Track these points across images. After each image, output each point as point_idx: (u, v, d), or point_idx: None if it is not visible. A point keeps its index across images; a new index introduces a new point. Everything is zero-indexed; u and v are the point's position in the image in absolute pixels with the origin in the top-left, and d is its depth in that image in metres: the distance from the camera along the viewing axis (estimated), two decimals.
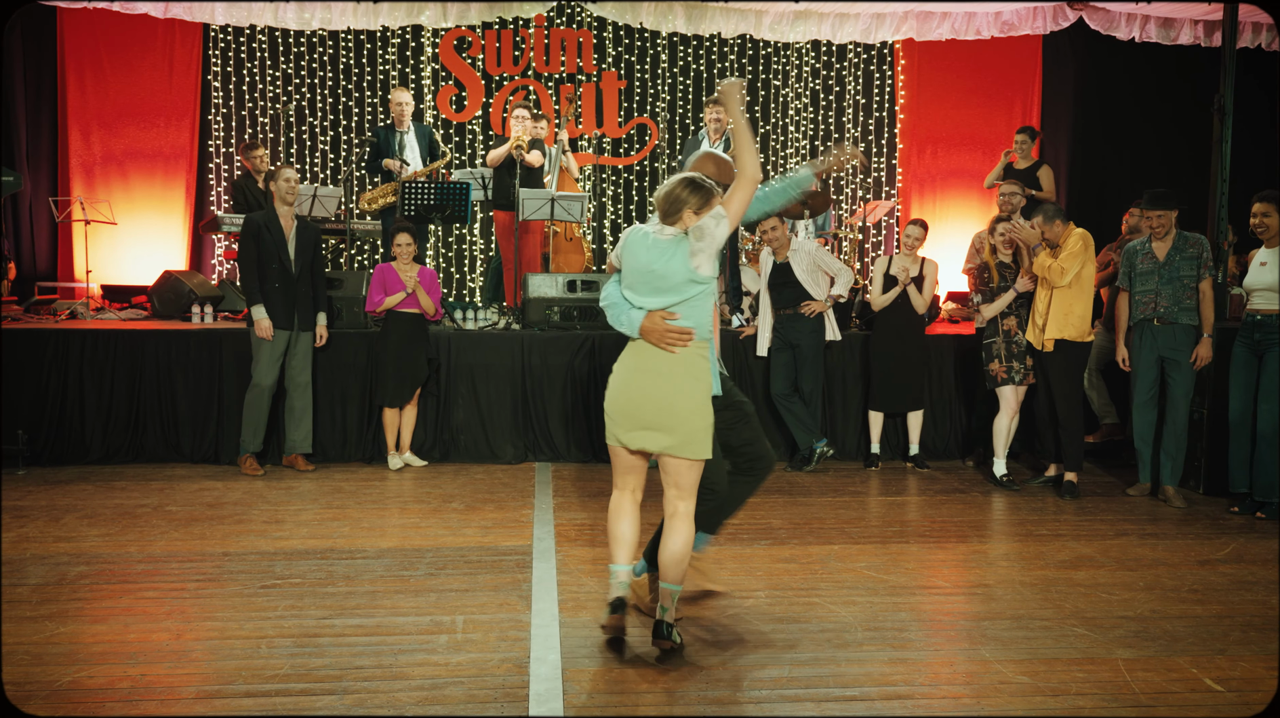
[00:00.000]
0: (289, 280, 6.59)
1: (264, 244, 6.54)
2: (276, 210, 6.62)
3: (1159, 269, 6.17)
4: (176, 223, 10.10)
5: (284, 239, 6.59)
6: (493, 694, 3.39)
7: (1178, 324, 6.13)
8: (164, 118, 10.06)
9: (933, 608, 4.32)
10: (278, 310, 6.56)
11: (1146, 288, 6.21)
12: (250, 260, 6.55)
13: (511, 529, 5.43)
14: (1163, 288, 6.14)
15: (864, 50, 10.90)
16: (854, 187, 10.97)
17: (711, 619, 4.13)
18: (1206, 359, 6.10)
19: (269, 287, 6.54)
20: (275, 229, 6.57)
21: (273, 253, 6.55)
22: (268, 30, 10.20)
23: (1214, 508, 6.13)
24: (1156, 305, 6.16)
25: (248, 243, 6.56)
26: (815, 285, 6.95)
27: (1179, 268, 6.12)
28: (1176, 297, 6.12)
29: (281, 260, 6.57)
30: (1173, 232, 6.18)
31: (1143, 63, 10.58)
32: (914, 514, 5.97)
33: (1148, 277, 6.21)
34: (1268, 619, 4.22)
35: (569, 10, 10.55)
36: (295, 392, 6.72)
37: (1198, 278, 6.11)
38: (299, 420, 6.75)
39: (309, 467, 6.80)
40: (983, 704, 3.39)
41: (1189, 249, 6.12)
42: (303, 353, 6.71)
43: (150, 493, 6.11)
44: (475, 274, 10.58)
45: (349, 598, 4.30)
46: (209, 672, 3.55)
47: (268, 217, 6.61)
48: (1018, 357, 6.52)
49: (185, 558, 4.84)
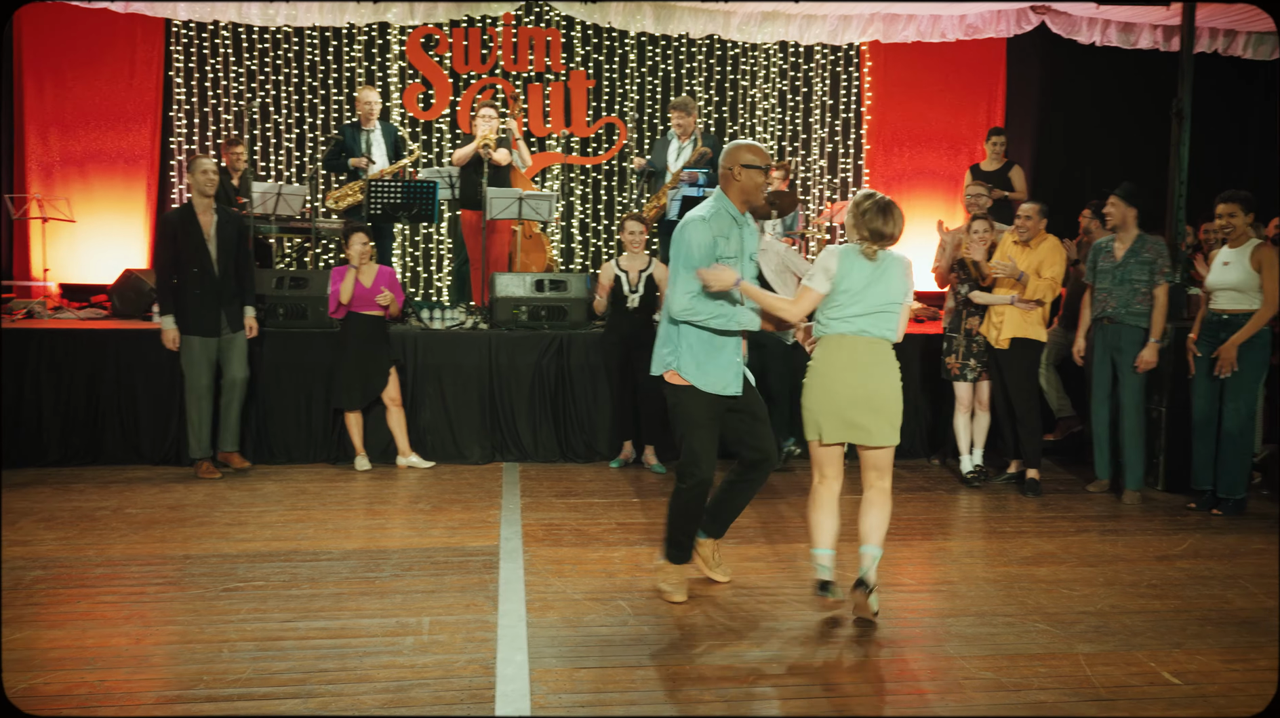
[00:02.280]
0: (212, 283, 6.35)
1: (182, 247, 6.28)
2: (194, 206, 6.34)
3: (1114, 269, 6.24)
4: (138, 222, 9.96)
5: (203, 240, 6.33)
6: (459, 696, 3.37)
7: (1124, 324, 6.21)
8: (125, 117, 9.89)
9: (898, 605, 4.35)
10: (203, 316, 6.34)
11: (1102, 286, 6.30)
12: (165, 265, 6.28)
13: (478, 530, 5.41)
14: (1114, 288, 6.22)
15: (831, 52, 10.96)
16: (821, 187, 11.03)
17: (680, 617, 4.13)
18: (1150, 364, 6.17)
19: (189, 293, 6.29)
20: (194, 229, 6.30)
21: (192, 256, 6.29)
22: (231, 27, 10.09)
23: (1173, 504, 6.22)
24: (1107, 305, 6.25)
25: (161, 244, 6.28)
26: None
27: (1131, 271, 6.19)
28: (1126, 299, 6.19)
29: (202, 264, 6.32)
30: (1134, 232, 6.25)
31: (1104, 66, 10.72)
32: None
33: (1105, 275, 6.29)
34: (1223, 613, 4.29)
35: (537, 9, 10.52)
36: (228, 389, 6.54)
37: (1150, 283, 6.18)
38: (229, 420, 6.59)
39: (244, 463, 6.70)
40: (947, 701, 3.42)
41: (1145, 253, 6.19)
42: (239, 351, 6.54)
43: (110, 495, 6.02)
44: (442, 274, 10.52)
45: (313, 600, 4.26)
46: (169, 676, 3.50)
47: (185, 216, 6.32)
48: (976, 355, 6.62)
49: (145, 561, 4.78)
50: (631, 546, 5.12)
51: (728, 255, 4.09)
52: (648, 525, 5.52)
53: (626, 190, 10.65)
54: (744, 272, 4.16)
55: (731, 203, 4.16)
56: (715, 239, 4.06)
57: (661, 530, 4.56)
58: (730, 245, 4.11)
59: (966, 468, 6.69)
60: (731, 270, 4.04)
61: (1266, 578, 4.79)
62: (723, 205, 4.15)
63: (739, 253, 4.15)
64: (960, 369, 6.66)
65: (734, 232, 4.14)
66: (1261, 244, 5.88)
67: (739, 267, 4.12)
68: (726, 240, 4.10)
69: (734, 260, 4.11)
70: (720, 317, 4.09)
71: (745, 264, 4.20)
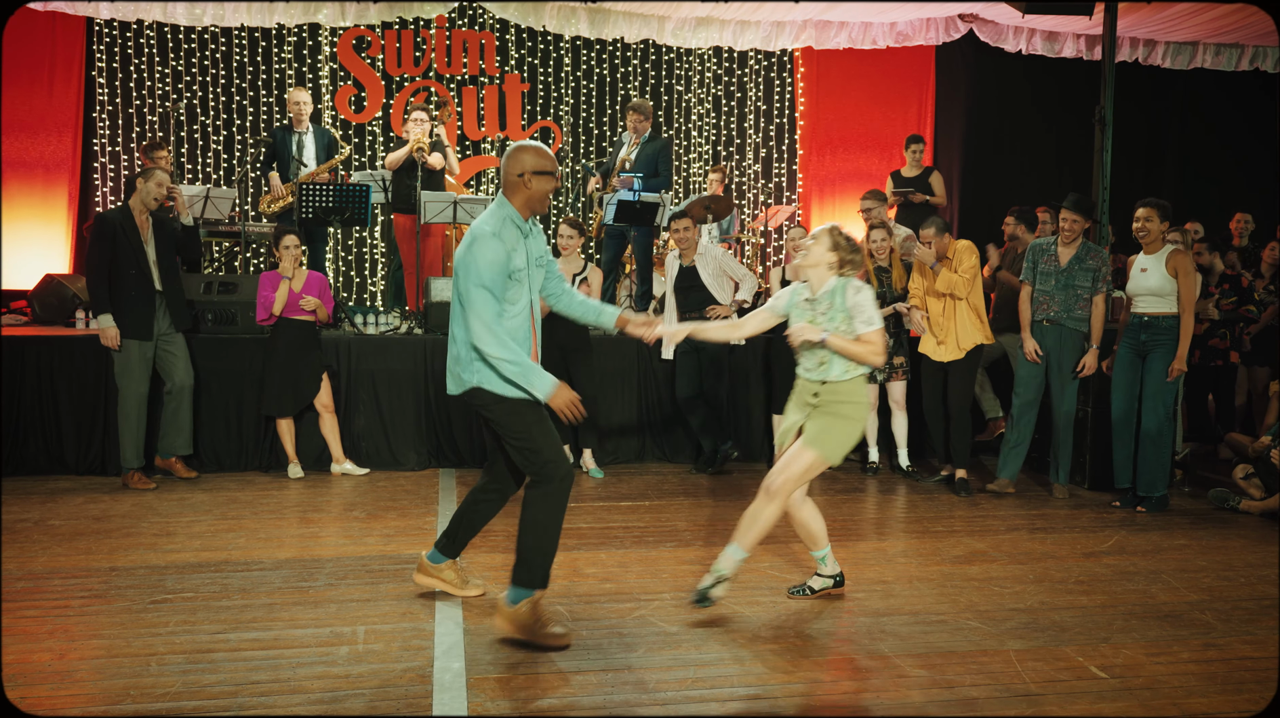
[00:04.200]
0: (149, 286, 6.25)
1: (120, 248, 6.15)
2: (132, 209, 6.24)
3: (1057, 273, 6.35)
4: (59, 226, 9.68)
5: (141, 243, 6.23)
6: (395, 705, 3.33)
7: (1064, 327, 6.35)
8: (45, 121, 9.62)
9: (834, 606, 4.40)
10: (139, 319, 6.22)
11: (1044, 288, 6.39)
12: (100, 265, 6.12)
13: (415, 537, 5.35)
14: (1057, 293, 6.34)
15: (765, 57, 11.07)
16: (755, 191, 11.12)
17: (617, 622, 4.13)
18: (1092, 369, 6.34)
19: (125, 295, 6.17)
20: (131, 232, 6.19)
21: (130, 258, 6.17)
22: (156, 26, 9.86)
23: (1100, 502, 6.39)
24: (1049, 308, 6.37)
25: (100, 245, 6.12)
26: (720, 290, 7.02)
27: (1075, 277, 6.31)
28: (1068, 305, 6.33)
29: (140, 266, 6.21)
30: (1080, 240, 6.39)
31: (1030, 74, 11.00)
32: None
33: (1046, 278, 6.39)
34: (1147, 608, 4.41)
35: (470, 12, 10.46)
36: (178, 394, 6.43)
37: (1092, 290, 6.33)
38: (181, 424, 6.48)
39: (190, 473, 6.57)
40: (882, 699, 3.47)
41: (1089, 261, 6.32)
42: (183, 356, 6.44)
43: (31, 507, 5.84)
44: (376, 278, 10.40)
45: (245, 611, 4.18)
46: (94, 692, 3.40)
47: (122, 217, 6.21)
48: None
49: (69, 574, 4.64)
50: (569, 551, 5.10)
51: (518, 268, 3.80)
52: (585, 531, 5.51)
53: (561, 195, 10.62)
54: (532, 281, 3.91)
55: (517, 212, 3.85)
56: (508, 254, 3.75)
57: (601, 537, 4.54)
58: (519, 257, 3.81)
59: (871, 457, 7.12)
60: (813, 328, 4.13)
61: (1188, 573, 4.94)
62: (508, 215, 3.84)
63: (528, 263, 3.87)
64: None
65: (521, 243, 3.84)
66: (1176, 249, 6.07)
67: (528, 277, 3.87)
68: (515, 253, 3.80)
69: (523, 272, 3.84)
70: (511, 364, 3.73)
71: (534, 273, 3.92)
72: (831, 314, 4.16)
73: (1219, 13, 9.53)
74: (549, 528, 3.86)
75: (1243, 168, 11.41)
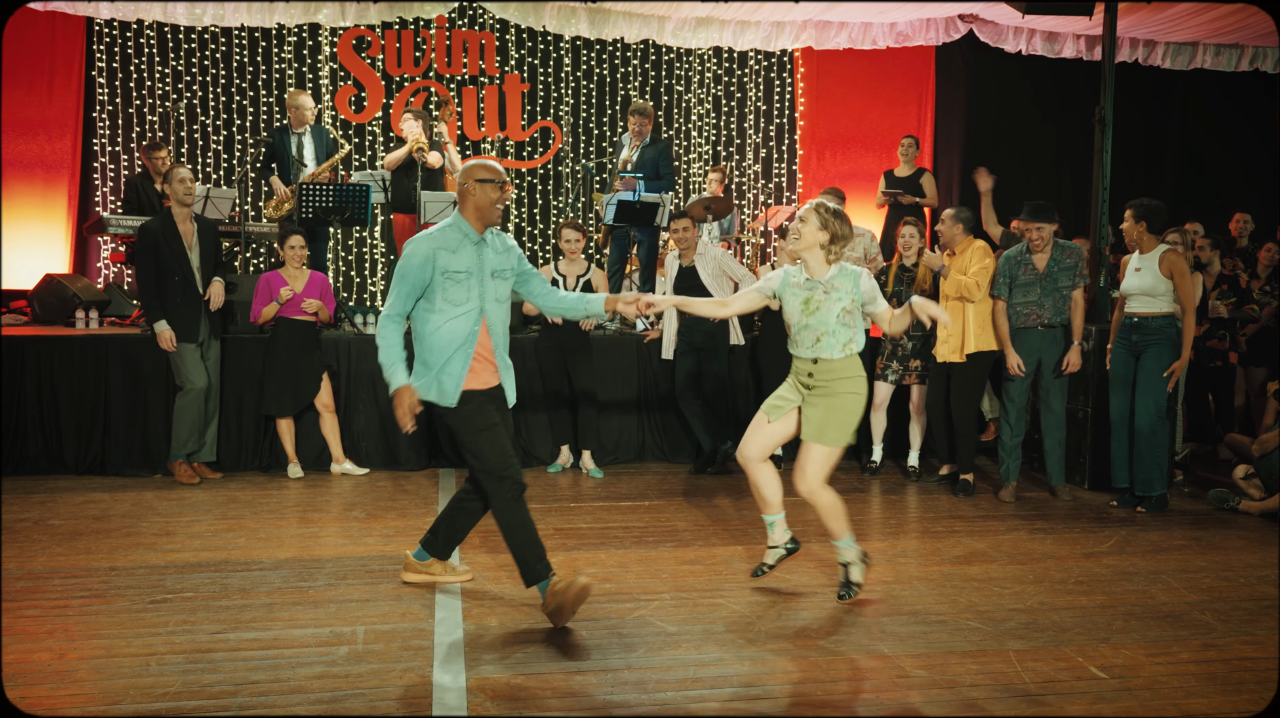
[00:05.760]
0: (193, 292, 6.37)
1: (164, 258, 6.29)
2: (174, 215, 6.36)
3: (1040, 280, 6.31)
4: (59, 226, 9.68)
5: (184, 250, 6.36)
6: (395, 706, 3.33)
7: (1057, 329, 6.35)
8: (46, 121, 9.62)
9: (834, 606, 4.39)
10: (184, 324, 6.34)
11: (1029, 299, 6.33)
12: (149, 276, 6.30)
13: (415, 537, 5.33)
14: (1044, 299, 6.30)
15: (765, 57, 11.07)
16: (755, 191, 11.12)
17: (617, 622, 4.13)
18: (1077, 366, 6.32)
19: (171, 302, 6.30)
20: (174, 240, 6.33)
21: (173, 266, 6.30)
22: (156, 26, 9.86)
23: (1099, 503, 6.38)
24: (1040, 316, 6.33)
25: (146, 258, 6.29)
26: (720, 290, 7.01)
27: (1058, 279, 6.29)
28: (1058, 307, 6.31)
29: (184, 273, 6.34)
30: (1051, 242, 6.38)
31: (1029, 74, 11.00)
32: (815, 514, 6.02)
33: (1029, 288, 6.34)
34: (1147, 609, 4.41)
35: (470, 12, 10.46)
36: (211, 398, 6.60)
37: (1073, 286, 6.32)
38: (206, 428, 6.61)
39: (215, 474, 6.65)
40: (882, 699, 3.47)
41: (1066, 259, 6.31)
42: (212, 361, 6.58)
43: (30, 506, 5.84)
44: (376, 278, 10.40)
45: (244, 611, 4.18)
46: (94, 692, 3.40)
47: (165, 226, 6.33)
48: (900, 358, 6.82)
49: (69, 574, 4.64)
50: (570, 551, 5.10)
51: (455, 270, 3.98)
52: (585, 531, 5.51)
53: (562, 195, 10.63)
54: (483, 290, 4.04)
55: (466, 220, 4.07)
56: (435, 252, 3.95)
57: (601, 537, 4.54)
58: (459, 260, 3.99)
59: (875, 457, 7.14)
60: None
61: (1188, 573, 4.94)
62: (456, 223, 4.07)
63: (473, 270, 4.02)
64: (882, 370, 6.92)
65: (465, 247, 4.02)
66: (1169, 250, 6.06)
67: (471, 284, 4.01)
68: (453, 255, 3.98)
69: (464, 276, 3.99)
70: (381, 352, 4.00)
71: (485, 282, 4.05)
72: (840, 296, 4.21)
73: (1219, 13, 9.54)
74: (520, 527, 4.07)
75: (1243, 168, 11.42)
